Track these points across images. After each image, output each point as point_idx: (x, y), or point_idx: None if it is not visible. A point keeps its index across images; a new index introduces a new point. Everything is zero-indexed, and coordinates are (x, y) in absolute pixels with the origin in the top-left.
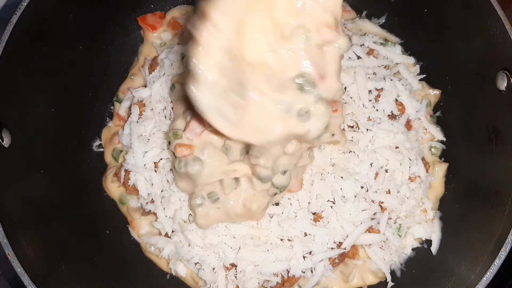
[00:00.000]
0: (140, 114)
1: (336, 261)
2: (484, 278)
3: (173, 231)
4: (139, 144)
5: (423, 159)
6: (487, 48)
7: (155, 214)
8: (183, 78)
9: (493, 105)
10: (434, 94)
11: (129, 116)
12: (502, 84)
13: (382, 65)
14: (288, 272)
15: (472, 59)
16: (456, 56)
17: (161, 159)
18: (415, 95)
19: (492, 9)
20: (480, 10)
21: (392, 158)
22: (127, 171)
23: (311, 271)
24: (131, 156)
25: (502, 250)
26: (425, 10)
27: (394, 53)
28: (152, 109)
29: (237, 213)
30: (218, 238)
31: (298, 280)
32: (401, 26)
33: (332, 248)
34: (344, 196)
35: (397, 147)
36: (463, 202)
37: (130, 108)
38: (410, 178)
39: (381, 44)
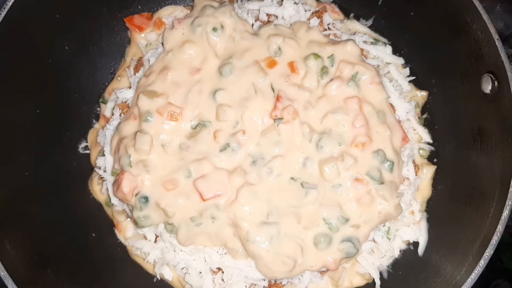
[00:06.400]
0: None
1: (323, 269)
2: (470, 279)
3: (158, 236)
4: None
5: (413, 161)
6: (472, 52)
7: None
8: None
9: (478, 107)
10: (421, 95)
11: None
12: (487, 87)
13: (373, 65)
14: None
15: (457, 62)
16: (441, 59)
17: None
18: (404, 96)
19: (477, 13)
20: (465, 14)
21: None
22: None
23: (299, 278)
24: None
25: (487, 251)
26: (411, 14)
27: (385, 53)
28: None
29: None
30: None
31: (285, 286)
32: (388, 29)
33: None
34: None
35: None
36: (449, 203)
37: None
38: None
39: (371, 43)
